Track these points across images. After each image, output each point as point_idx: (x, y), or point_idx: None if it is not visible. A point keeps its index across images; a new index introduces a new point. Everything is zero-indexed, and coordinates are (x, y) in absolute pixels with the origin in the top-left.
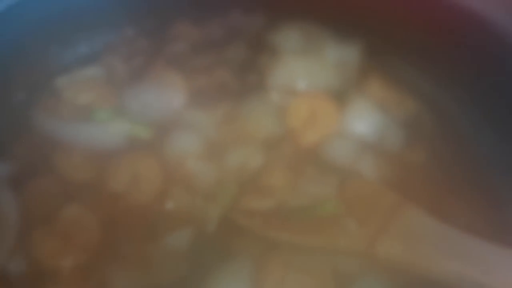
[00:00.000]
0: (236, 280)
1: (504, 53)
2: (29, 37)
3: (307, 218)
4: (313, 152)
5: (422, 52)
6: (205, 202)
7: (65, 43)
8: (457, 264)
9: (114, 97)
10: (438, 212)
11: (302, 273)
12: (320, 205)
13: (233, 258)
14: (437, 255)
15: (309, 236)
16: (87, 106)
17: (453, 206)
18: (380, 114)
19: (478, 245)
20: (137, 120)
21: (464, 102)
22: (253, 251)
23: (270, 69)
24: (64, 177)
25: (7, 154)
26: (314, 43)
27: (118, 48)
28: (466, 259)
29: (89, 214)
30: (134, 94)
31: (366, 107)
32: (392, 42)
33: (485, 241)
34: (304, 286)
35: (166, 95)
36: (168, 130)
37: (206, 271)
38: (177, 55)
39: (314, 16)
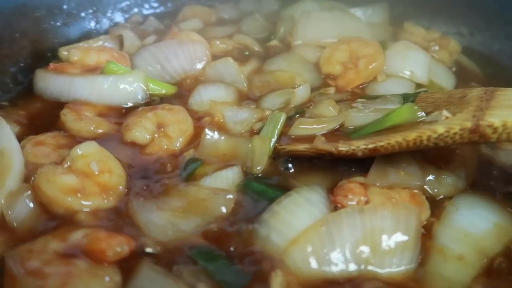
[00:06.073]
0: (306, 207)
1: None
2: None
3: (383, 127)
4: (361, 90)
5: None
6: (248, 140)
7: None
8: None
9: (128, 59)
10: None
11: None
12: (393, 113)
13: (296, 191)
14: None
15: (397, 134)
16: (98, 66)
17: None
18: (425, 55)
19: None
20: (156, 78)
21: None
22: (321, 182)
23: (293, 32)
24: (73, 132)
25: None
26: (335, 6)
27: (127, 26)
28: None
29: (108, 156)
30: (151, 55)
31: (409, 47)
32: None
33: None
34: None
35: (187, 54)
36: (192, 85)
37: (264, 205)
38: (192, 29)
39: None
